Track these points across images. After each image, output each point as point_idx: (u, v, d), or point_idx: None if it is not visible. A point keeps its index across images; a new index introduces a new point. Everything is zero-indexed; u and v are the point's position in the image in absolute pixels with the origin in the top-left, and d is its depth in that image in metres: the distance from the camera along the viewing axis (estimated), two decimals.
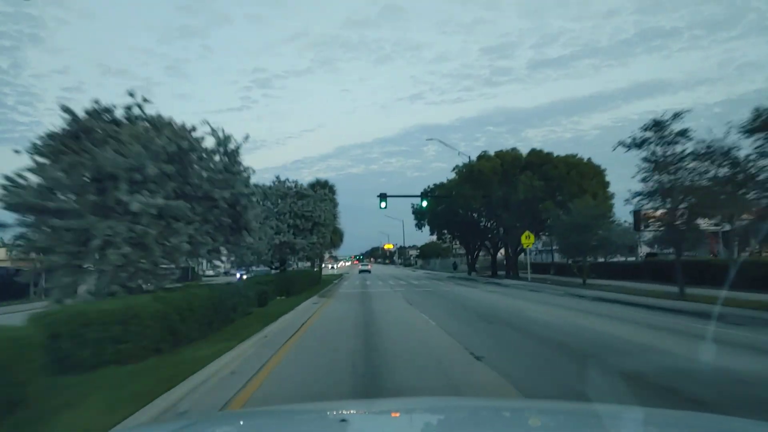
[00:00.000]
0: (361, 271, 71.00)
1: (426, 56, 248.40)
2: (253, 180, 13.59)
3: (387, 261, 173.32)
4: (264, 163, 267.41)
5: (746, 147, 15.73)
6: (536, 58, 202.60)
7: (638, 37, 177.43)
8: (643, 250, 42.87)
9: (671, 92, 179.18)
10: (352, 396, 6.20)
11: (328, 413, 2.70)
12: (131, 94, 11.14)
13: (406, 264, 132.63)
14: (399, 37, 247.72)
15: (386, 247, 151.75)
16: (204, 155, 11.86)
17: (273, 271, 27.91)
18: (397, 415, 2.68)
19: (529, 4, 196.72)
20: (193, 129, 11.81)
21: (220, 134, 12.33)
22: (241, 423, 2.57)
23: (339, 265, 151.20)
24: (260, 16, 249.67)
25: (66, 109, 10.28)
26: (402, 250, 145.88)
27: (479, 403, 3.51)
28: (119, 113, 11.05)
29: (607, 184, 41.06)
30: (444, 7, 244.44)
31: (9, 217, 9.66)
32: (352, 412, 2.75)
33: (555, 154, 42.68)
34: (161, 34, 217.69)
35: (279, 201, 26.95)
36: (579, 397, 5.62)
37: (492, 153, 44.45)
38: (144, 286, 10.47)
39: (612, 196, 39.86)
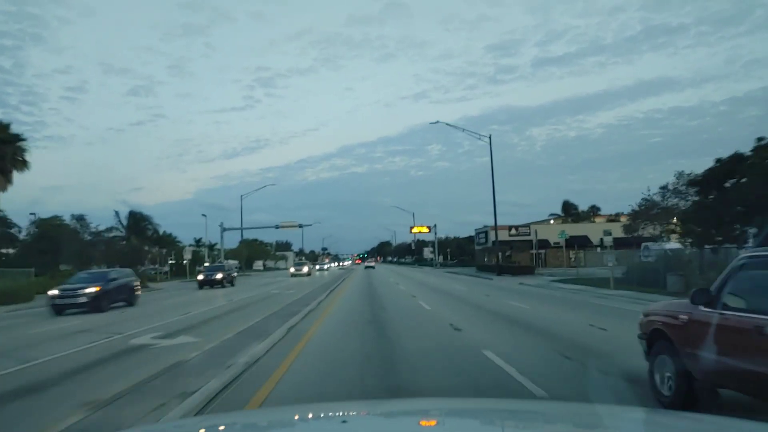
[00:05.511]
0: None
1: (430, 54, 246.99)
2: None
3: (405, 258, 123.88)
4: (268, 162, 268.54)
5: None
6: (541, 55, 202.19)
7: (644, 34, 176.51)
8: None
9: (678, 90, 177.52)
10: None
11: (330, 414, 2.71)
12: None
13: (520, 264, 51.68)
14: (402, 34, 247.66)
15: (416, 230, 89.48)
16: None
17: None
18: (400, 417, 2.66)
19: (533, 0, 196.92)
20: None
21: None
22: (242, 424, 2.59)
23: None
24: (263, 14, 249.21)
25: None
26: (469, 240, 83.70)
27: (481, 404, 3.48)
28: None
29: None
30: (447, 4, 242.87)
31: None
32: (353, 413, 2.72)
33: None
34: (163, 33, 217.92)
35: None
36: None
37: None
38: None
39: None
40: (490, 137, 45.27)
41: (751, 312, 4.66)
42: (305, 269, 58.45)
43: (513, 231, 63.82)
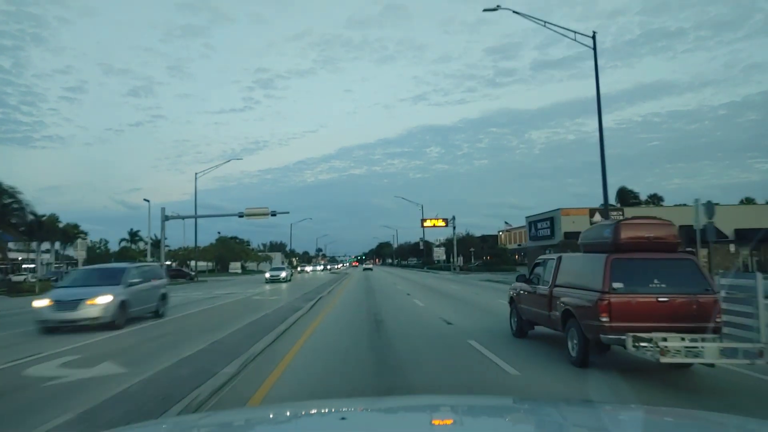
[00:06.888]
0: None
1: (429, 56, 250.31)
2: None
3: (409, 260, 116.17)
4: (266, 164, 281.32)
5: None
6: (540, 58, 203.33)
7: (643, 37, 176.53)
8: None
9: (676, 93, 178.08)
10: None
11: (329, 411, 2.71)
12: None
13: None
14: (402, 36, 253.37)
15: (430, 224, 73.22)
16: None
17: None
18: (399, 414, 2.66)
19: (533, 2, 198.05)
20: None
21: None
22: (241, 421, 2.60)
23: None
24: (263, 15, 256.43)
25: None
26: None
27: (479, 401, 3.47)
28: None
29: None
30: (447, 6, 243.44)
31: None
32: (352, 410, 2.74)
33: None
34: (163, 33, 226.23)
35: None
36: None
37: None
38: None
39: None
40: (594, 36, 22.49)
41: (536, 284, 10.30)
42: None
43: (596, 217, 34.00)
